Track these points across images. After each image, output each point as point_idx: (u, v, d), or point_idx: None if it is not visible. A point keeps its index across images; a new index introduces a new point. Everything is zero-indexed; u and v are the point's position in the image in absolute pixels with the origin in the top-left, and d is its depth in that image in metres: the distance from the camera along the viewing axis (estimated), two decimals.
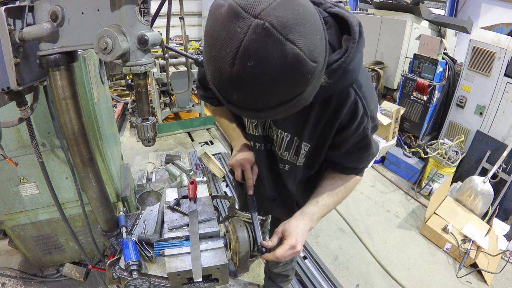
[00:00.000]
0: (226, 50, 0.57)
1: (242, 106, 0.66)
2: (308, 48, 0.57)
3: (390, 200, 3.47)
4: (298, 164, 1.09)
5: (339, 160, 1.06)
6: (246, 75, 0.57)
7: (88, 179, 1.08)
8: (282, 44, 0.54)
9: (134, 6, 0.75)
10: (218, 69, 0.60)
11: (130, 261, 1.04)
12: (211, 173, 3.50)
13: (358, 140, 0.96)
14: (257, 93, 0.61)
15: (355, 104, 0.88)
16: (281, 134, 1.05)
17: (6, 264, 2.38)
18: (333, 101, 0.88)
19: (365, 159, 1.04)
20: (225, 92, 0.65)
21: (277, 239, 0.96)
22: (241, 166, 1.13)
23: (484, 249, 2.64)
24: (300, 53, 0.56)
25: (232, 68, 0.57)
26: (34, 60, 0.88)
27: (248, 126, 1.14)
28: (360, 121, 0.90)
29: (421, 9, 4.15)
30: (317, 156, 1.06)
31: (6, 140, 1.67)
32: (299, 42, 0.56)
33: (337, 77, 0.77)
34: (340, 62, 0.75)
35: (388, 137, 3.91)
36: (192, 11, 7.65)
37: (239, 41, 0.55)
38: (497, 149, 3.18)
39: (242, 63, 0.56)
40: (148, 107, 0.92)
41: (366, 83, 0.90)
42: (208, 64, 0.63)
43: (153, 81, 4.26)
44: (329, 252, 2.74)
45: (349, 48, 0.76)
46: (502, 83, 3.15)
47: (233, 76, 0.58)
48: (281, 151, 1.09)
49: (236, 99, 0.64)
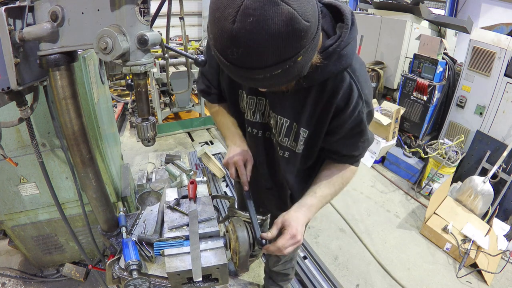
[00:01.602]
0: (229, 10, 0.63)
1: (240, 65, 0.69)
2: (301, 9, 0.64)
3: (390, 200, 3.47)
4: (297, 151, 1.11)
5: (335, 147, 1.08)
6: (246, 31, 0.63)
7: (88, 179, 1.08)
8: (278, 4, 0.61)
9: (134, 6, 0.75)
10: (221, 28, 0.66)
11: (130, 261, 1.04)
12: (211, 173, 3.51)
13: (354, 124, 0.99)
14: (255, 48, 0.65)
15: (350, 88, 0.93)
16: (280, 120, 1.07)
17: (6, 264, 2.38)
18: (329, 85, 0.93)
19: (361, 145, 1.07)
20: (225, 50, 0.69)
21: (276, 230, 0.98)
22: (234, 164, 1.15)
23: (484, 249, 2.64)
24: (294, 12, 0.63)
25: (233, 25, 0.63)
26: (34, 60, 0.88)
27: (247, 112, 1.16)
28: (355, 105, 0.94)
29: (421, 9, 4.15)
30: (315, 143, 1.08)
31: (6, 140, 1.67)
32: (293, 3, 0.63)
33: (332, 61, 0.84)
34: (335, 46, 0.82)
35: (388, 137, 3.91)
36: (192, 11, 7.66)
37: (240, 2, 0.62)
38: (497, 149, 3.19)
39: (242, 20, 0.62)
40: (148, 107, 0.92)
41: (360, 69, 0.95)
42: (212, 27, 0.69)
43: (153, 81, 4.26)
44: (329, 252, 2.74)
45: (343, 34, 0.84)
46: (502, 83, 3.15)
47: (234, 33, 0.64)
48: (281, 137, 1.11)
49: (235, 57, 0.68)
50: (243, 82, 0.80)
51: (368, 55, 4.73)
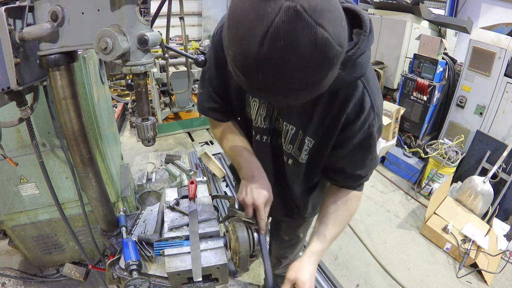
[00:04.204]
0: (255, 30, 0.56)
1: (264, 89, 0.65)
2: (335, 33, 0.58)
3: (390, 200, 3.47)
4: (300, 161, 1.09)
5: (340, 164, 1.03)
6: (275, 56, 0.57)
7: (88, 179, 1.08)
8: (312, 28, 0.55)
9: (134, 6, 0.75)
10: (244, 49, 0.59)
11: (130, 261, 1.04)
12: (211, 173, 3.51)
13: (363, 138, 0.94)
14: (283, 75, 0.60)
15: (362, 97, 0.87)
16: (286, 127, 1.04)
17: (6, 264, 2.38)
18: (340, 94, 0.87)
19: (368, 163, 1.03)
20: (248, 73, 0.64)
21: (289, 287, 1.00)
22: (253, 206, 1.01)
23: (484, 249, 2.64)
24: (329, 37, 0.57)
25: (261, 48, 0.57)
26: (34, 60, 0.88)
27: (257, 119, 1.10)
28: (366, 116, 0.89)
29: (421, 9, 4.15)
30: (320, 155, 1.05)
31: (6, 140, 1.67)
32: (328, 27, 0.56)
33: (347, 69, 0.77)
34: (351, 54, 0.76)
35: (388, 137, 3.91)
36: (192, 11, 7.65)
37: (269, 22, 0.55)
38: (497, 149, 3.19)
39: (272, 44, 0.56)
40: (148, 107, 0.92)
41: (374, 80, 0.90)
42: (232, 44, 0.63)
43: (153, 81, 4.26)
44: (329, 252, 2.74)
45: (360, 41, 0.77)
46: (502, 83, 3.15)
47: (260, 57, 0.58)
48: (286, 143, 1.09)
49: (260, 81, 0.63)
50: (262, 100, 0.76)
51: None
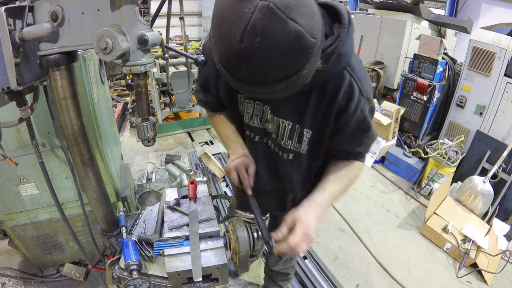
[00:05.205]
0: (235, 29, 0.63)
1: (248, 81, 0.71)
2: (308, 26, 0.64)
3: (390, 200, 3.47)
4: (301, 152, 1.10)
5: (341, 146, 1.08)
6: (254, 50, 0.63)
7: (88, 179, 1.09)
8: (285, 22, 0.61)
9: (134, 6, 0.76)
10: (227, 46, 0.66)
11: (130, 261, 1.04)
12: (211, 173, 3.51)
13: (358, 122, 0.98)
14: (263, 66, 0.66)
15: (351, 86, 0.93)
16: (282, 123, 1.06)
17: (6, 264, 2.38)
18: (330, 85, 0.93)
19: (366, 141, 1.06)
20: (233, 68, 0.70)
21: (286, 229, 0.94)
22: (236, 170, 1.13)
23: (484, 249, 2.64)
24: (301, 29, 0.63)
25: (241, 44, 0.63)
26: (34, 60, 0.88)
27: (246, 116, 1.16)
28: (357, 103, 0.94)
29: (421, 9, 4.16)
30: (320, 144, 1.08)
31: (6, 140, 1.67)
32: (300, 20, 0.63)
33: (332, 62, 0.84)
34: (334, 47, 0.83)
35: (388, 137, 3.91)
36: (192, 11, 7.64)
37: (247, 20, 0.61)
38: (497, 149, 3.18)
39: (250, 39, 0.62)
40: (148, 107, 0.93)
41: (359, 66, 0.96)
42: (217, 44, 0.69)
43: (153, 81, 4.26)
44: (329, 252, 2.74)
45: (341, 34, 0.84)
46: (502, 83, 3.15)
47: (242, 52, 0.64)
48: (284, 140, 1.10)
49: (243, 74, 0.69)
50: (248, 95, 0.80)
51: (368, 55, 4.73)
